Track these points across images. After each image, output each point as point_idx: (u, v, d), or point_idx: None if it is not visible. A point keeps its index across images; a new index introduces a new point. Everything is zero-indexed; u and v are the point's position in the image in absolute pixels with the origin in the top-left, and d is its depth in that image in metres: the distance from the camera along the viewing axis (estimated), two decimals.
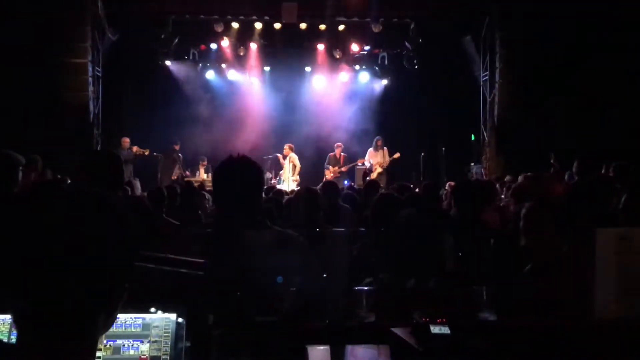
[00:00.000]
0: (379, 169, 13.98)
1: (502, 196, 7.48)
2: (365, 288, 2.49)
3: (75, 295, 1.13)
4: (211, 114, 15.02)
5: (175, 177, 13.64)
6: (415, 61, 14.83)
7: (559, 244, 3.09)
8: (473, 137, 14.71)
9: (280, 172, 14.50)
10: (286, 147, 14.31)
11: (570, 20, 11.95)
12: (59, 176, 6.87)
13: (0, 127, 10.76)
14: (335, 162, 14.38)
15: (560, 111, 12.28)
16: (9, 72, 11.43)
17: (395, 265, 3.09)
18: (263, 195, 2.91)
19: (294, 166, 14.02)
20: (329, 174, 14.15)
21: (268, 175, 14.24)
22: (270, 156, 14.61)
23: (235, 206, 2.74)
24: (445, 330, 1.75)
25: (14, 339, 1.25)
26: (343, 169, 14.29)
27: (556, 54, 12.39)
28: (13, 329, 1.80)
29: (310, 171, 14.84)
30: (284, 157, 14.22)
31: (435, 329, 1.75)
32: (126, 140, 13.22)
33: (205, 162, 14.49)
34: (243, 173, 2.76)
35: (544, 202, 3.28)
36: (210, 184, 10.92)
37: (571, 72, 12.25)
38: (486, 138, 14.14)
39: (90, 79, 12.77)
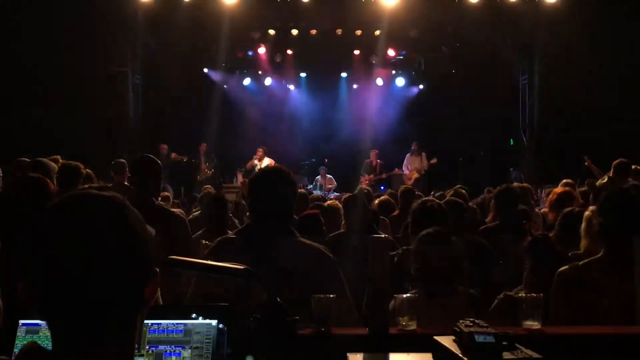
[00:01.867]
0: (416, 175, 13.89)
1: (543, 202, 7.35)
2: (406, 295, 2.47)
3: (101, 299, 1.14)
4: (248, 121, 15.14)
5: (201, 178, 13.60)
6: (452, 65, 14.71)
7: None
8: (512, 142, 14.51)
9: (317, 178, 14.49)
10: (260, 150, 13.83)
11: (611, 25, 11.72)
12: (100, 183, 6.97)
13: (41, 134, 11.02)
14: (371, 169, 14.33)
15: (600, 115, 12.03)
16: (50, 81, 11.69)
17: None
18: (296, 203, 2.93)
19: None
20: (364, 181, 14.10)
21: (305, 181, 14.26)
22: (307, 162, 14.64)
23: (267, 215, 2.80)
24: (490, 339, 1.71)
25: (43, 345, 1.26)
26: (383, 175, 14.22)
27: (597, 57, 12.15)
28: None
29: (345, 177, 14.83)
30: (259, 160, 13.72)
31: (479, 338, 1.71)
32: (164, 147, 13.41)
33: (243, 169, 14.57)
34: (277, 183, 2.81)
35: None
36: None
37: (612, 76, 12.01)
38: (525, 143, 13.94)
39: (130, 87, 12.99)
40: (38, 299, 1.15)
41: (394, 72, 15.96)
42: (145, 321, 1.80)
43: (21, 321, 1.86)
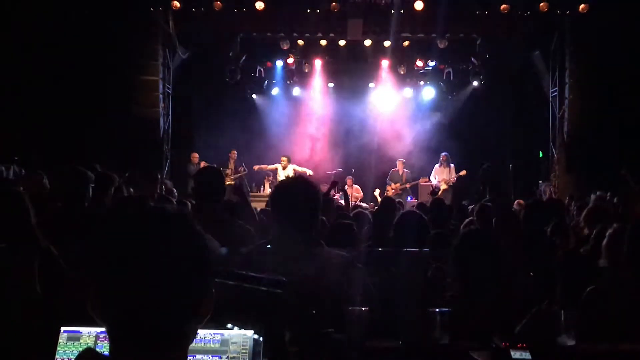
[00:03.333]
0: (444, 186, 13.81)
1: (574, 215, 7.25)
2: (439, 309, 2.46)
3: (165, 308, 1.19)
4: (276, 131, 15.23)
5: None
6: (481, 77, 14.63)
7: None
8: (541, 154, 14.36)
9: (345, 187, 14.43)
10: (284, 158, 13.89)
11: None
12: (132, 191, 7.07)
13: (73, 143, 11.22)
14: (398, 178, 14.28)
15: (633, 127, 11.86)
16: (83, 89, 11.89)
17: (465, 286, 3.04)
18: (320, 214, 2.91)
19: None
20: (390, 190, 14.07)
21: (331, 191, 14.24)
22: (334, 172, 14.63)
23: (290, 225, 2.80)
24: (527, 355, 1.71)
25: (99, 351, 1.29)
26: (407, 185, 14.17)
27: (628, 69, 11.99)
28: (98, 341, 1.86)
29: (373, 187, 14.80)
30: (283, 169, 13.79)
31: (516, 354, 1.70)
32: (195, 156, 13.54)
33: (271, 178, 14.61)
34: (300, 193, 2.82)
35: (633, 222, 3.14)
36: None
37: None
38: (555, 155, 13.79)
39: (161, 96, 13.14)
40: (101, 305, 1.19)
41: (422, 82, 15.91)
42: None
43: (63, 328, 1.90)
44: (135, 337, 1.19)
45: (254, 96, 16.16)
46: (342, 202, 12.72)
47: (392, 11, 12.90)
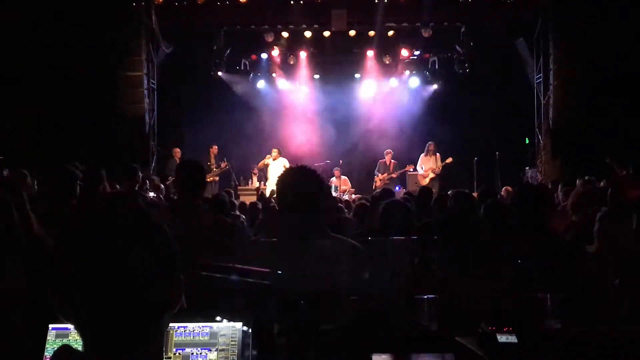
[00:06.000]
0: (432, 175, 13.86)
1: (561, 201, 7.30)
2: (427, 296, 2.48)
3: (132, 303, 1.17)
4: (262, 124, 15.19)
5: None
6: (466, 65, 14.65)
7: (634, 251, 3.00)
8: (527, 141, 14.43)
9: (332, 180, 14.45)
10: (275, 151, 13.93)
11: (626, 20, 11.63)
12: (117, 187, 7.05)
13: (58, 141, 11.15)
14: (385, 168, 14.32)
15: (617, 112, 11.94)
16: (68, 86, 11.81)
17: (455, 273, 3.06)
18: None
19: None
20: (378, 181, 14.11)
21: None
22: (321, 163, 14.62)
23: (297, 215, 2.80)
24: (513, 339, 1.73)
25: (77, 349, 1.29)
26: (393, 175, 14.20)
27: (611, 53, 12.06)
28: None
29: (360, 178, 14.81)
30: (274, 160, 13.82)
31: (502, 338, 1.72)
32: (177, 151, 13.44)
33: (256, 170, 14.59)
34: (304, 182, 2.82)
35: (622, 207, 3.17)
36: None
37: (627, 72, 11.92)
38: (541, 141, 13.87)
39: (145, 92, 13.08)
40: (67, 304, 1.18)
41: (407, 72, 15.91)
42: (172, 324, 1.83)
43: (51, 325, 1.90)
44: (102, 334, 1.18)
45: (239, 89, 16.09)
46: (332, 192, 12.78)
47: (376, 1, 12.89)
